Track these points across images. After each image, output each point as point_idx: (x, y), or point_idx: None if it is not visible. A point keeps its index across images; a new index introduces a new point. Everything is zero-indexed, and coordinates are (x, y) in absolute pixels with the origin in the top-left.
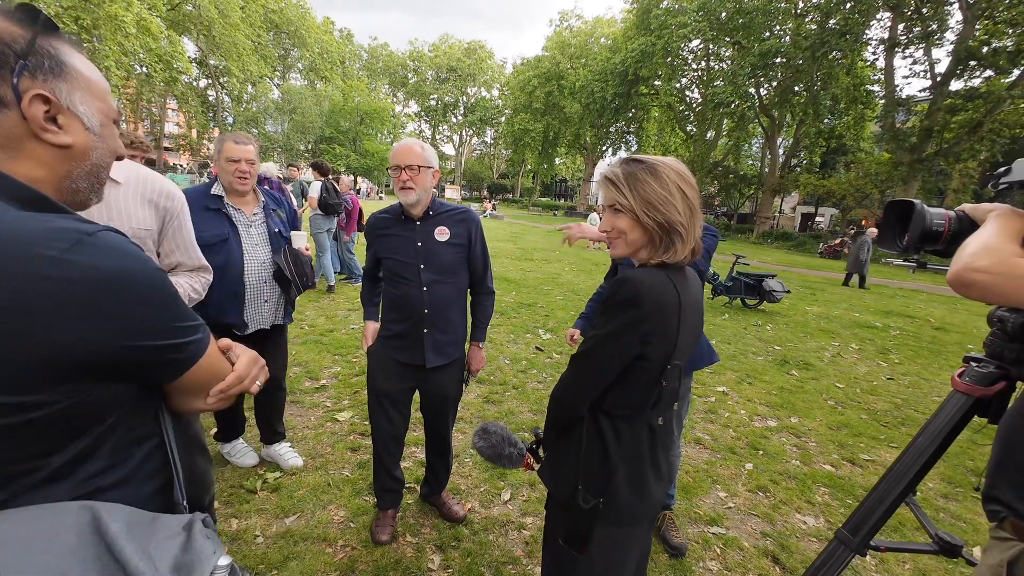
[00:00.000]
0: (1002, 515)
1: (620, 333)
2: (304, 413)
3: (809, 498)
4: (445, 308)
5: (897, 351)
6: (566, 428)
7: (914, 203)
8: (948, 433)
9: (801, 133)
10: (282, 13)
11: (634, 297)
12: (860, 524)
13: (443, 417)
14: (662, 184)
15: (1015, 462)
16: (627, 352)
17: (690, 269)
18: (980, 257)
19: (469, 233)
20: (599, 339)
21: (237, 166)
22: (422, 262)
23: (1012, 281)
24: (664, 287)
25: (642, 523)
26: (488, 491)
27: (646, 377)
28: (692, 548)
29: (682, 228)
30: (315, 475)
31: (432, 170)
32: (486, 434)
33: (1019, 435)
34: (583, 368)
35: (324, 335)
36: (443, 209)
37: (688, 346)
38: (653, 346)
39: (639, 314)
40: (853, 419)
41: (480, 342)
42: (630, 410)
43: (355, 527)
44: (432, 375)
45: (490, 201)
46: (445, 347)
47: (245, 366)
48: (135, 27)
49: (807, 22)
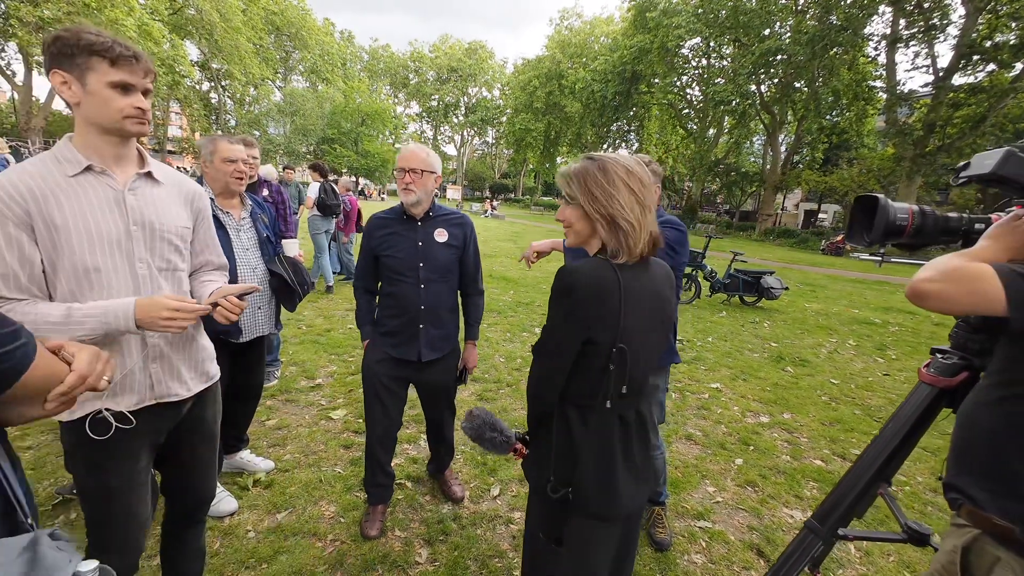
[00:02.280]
0: (959, 502)
1: (564, 321)
2: (299, 411)
3: (798, 493)
4: (439, 305)
5: (895, 347)
6: (541, 421)
7: (878, 198)
8: (914, 423)
9: (803, 129)
10: (283, 15)
11: (569, 287)
12: (828, 513)
13: (438, 407)
14: (608, 179)
15: (971, 451)
16: (574, 338)
17: (658, 261)
18: (926, 269)
19: (464, 236)
20: (548, 329)
21: (235, 166)
22: (421, 260)
23: (957, 285)
24: (600, 274)
25: (613, 518)
26: (479, 486)
27: (597, 363)
28: (678, 542)
29: (625, 221)
30: (307, 472)
31: (435, 175)
32: (471, 417)
33: (975, 425)
34: (541, 359)
35: (322, 335)
36: (442, 212)
37: (641, 333)
38: (596, 330)
39: (575, 301)
40: (846, 415)
41: (474, 340)
42: (591, 398)
43: (345, 522)
44: (426, 368)
45: (491, 201)
46: (438, 342)
47: (86, 364)
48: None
49: (807, 18)
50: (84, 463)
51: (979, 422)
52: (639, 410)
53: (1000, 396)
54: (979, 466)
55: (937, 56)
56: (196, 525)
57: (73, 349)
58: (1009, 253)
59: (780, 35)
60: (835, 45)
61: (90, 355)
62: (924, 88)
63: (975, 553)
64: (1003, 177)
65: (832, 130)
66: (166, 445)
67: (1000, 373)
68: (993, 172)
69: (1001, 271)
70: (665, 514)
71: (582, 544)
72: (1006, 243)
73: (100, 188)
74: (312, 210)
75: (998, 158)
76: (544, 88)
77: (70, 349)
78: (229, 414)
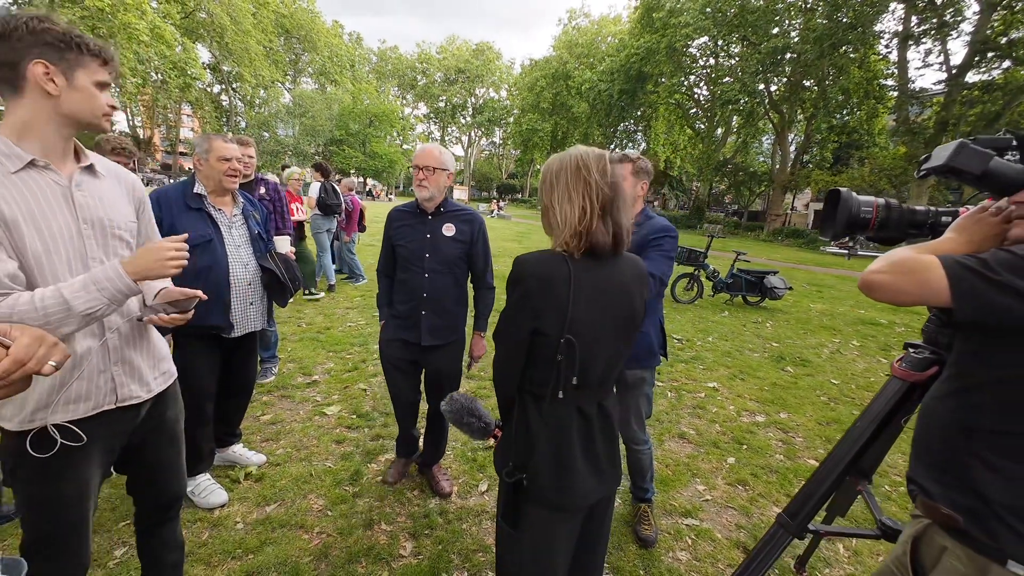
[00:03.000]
0: (915, 493)
1: (514, 309)
2: (294, 407)
3: (789, 492)
4: (442, 295)
5: (899, 348)
6: (507, 409)
7: (840, 191)
8: (885, 417)
9: (812, 129)
10: (293, 18)
11: (517, 275)
12: (799, 508)
13: (439, 392)
14: (554, 174)
15: (926, 444)
16: (523, 326)
17: (631, 257)
18: (878, 261)
19: (472, 232)
20: (501, 317)
21: (229, 164)
22: (428, 251)
23: (905, 276)
24: (550, 265)
25: (569, 508)
26: (467, 482)
27: (547, 352)
28: (663, 539)
29: (553, 217)
30: (298, 466)
31: (447, 172)
32: (452, 401)
33: (929, 418)
34: (498, 348)
35: (321, 332)
36: (453, 208)
37: (595, 326)
38: (544, 321)
39: (524, 290)
40: (844, 414)
41: (482, 331)
42: (543, 387)
43: (332, 515)
44: (428, 353)
45: (498, 201)
46: (440, 330)
47: (24, 348)
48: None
49: (816, 16)
50: (34, 472)
51: (932, 415)
52: (602, 404)
53: (950, 389)
54: (931, 458)
55: (950, 53)
56: (169, 522)
57: (16, 333)
58: (972, 246)
59: (788, 33)
60: (845, 43)
61: (30, 339)
62: (936, 86)
63: (925, 543)
64: (955, 168)
65: (842, 129)
66: (129, 448)
67: (951, 366)
68: (945, 164)
69: (945, 262)
70: (651, 511)
71: (539, 532)
72: (970, 235)
73: (45, 184)
74: (313, 209)
75: (951, 150)
76: (551, 88)
77: (13, 333)
78: (222, 409)
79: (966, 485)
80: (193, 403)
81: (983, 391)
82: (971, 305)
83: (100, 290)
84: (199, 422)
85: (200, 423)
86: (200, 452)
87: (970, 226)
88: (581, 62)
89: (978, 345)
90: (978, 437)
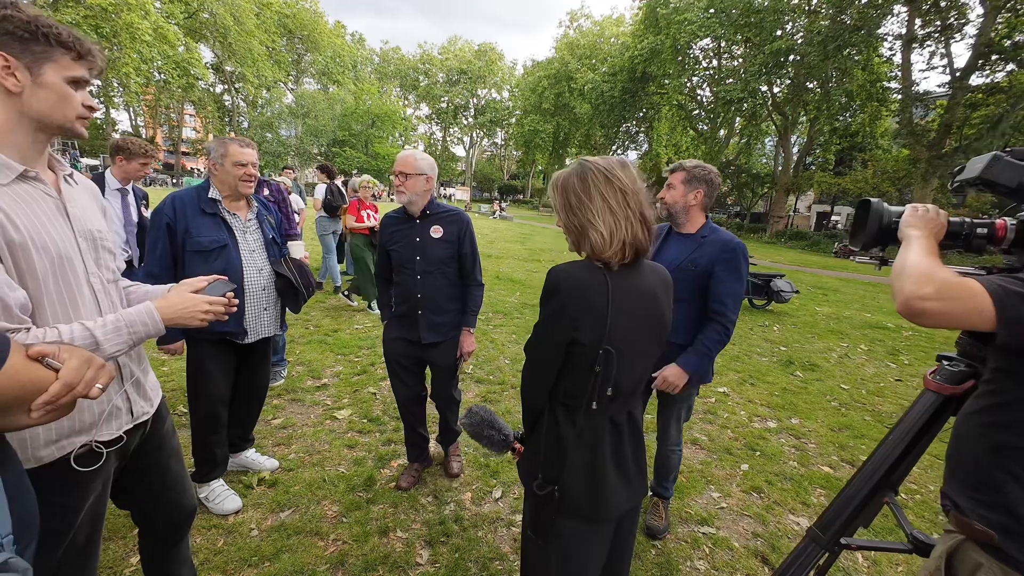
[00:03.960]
0: (948, 508)
1: (551, 320)
2: (304, 411)
3: (804, 499)
4: (436, 294)
5: (908, 352)
6: (534, 419)
7: (871, 201)
8: (919, 431)
9: (815, 131)
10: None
11: (554, 286)
12: (831, 522)
13: (444, 382)
14: (584, 188)
15: (959, 460)
16: (560, 338)
17: (653, 264)
18: (922, 284)
19: (459, 232)
20: (536, 329)
21: (245, 169)
22: (418, 255)
23: (955, 303)
24: (586, 275)
25: (600, 520)
26: (480, 488)
27: (584, 363)
28: (680, 547)
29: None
30: (311, 471)
31: (423, 176)
32: (471, 414)
33: (963, 434)
34: (531, 359)
35: (329, 335)
36: (439, 210)
37: (630, 336)
38: (582, 331)
39: (560, 301)
40: (856, 420)
41: (470, 327)
42: (577, 398)
43: (348, 522)
44: (430, 349)
45: (499, 202)
46: (439, 327)
47: (74, 372)
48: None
49: (820, 18)
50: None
51: (966, 431)
52: (631, 412)
53: (984, 405)
54: (964, 473)
55: (954, 56)
56: (183, 540)
57: (66, 355)
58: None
59: (792, 35)
60: (848, 46)
61: (79, 361)
62: (940, 88)
63: (959, 559)
64: (989, 181)
65: (845, 131)
66: (129, 473)
67: (986, 383)
68: (979, 176)
69: (989, 286)
70: (666, 508)
71: (569, 544)
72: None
73: (40, 197)
74: (319, 211)
75: (985, 163)
76: (553, 89)
77: (62, 356)
78: (235, 414)
79: (999, 502)
80: (208, 409)
81: (1017, 408)
82: (1019, 330)
83: (132, 333)
84: (213, 428)
85: (215, 429)
86: (214, 458)
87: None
88: (583, 63)
89: (1013, 362)
90: (1011, 454)
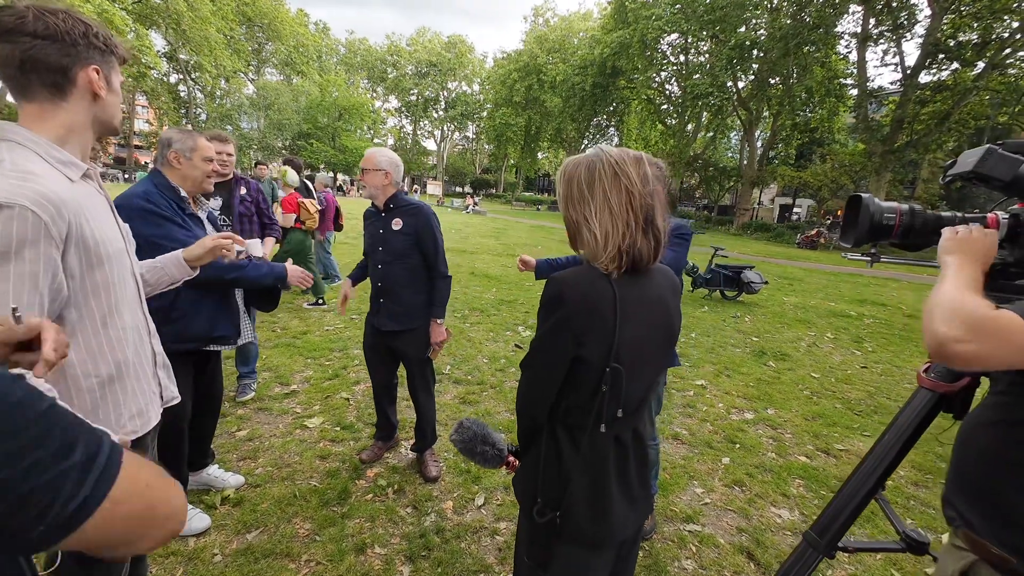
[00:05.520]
0: (956, 523)
1: (552, 334)
2: (272, 421)
3: (784, 491)
4: (396, 284)
5: (870, 339)
6: (532, 438)
7: (862, 197)
8: (914, 430)
9: (778, 126)
10: (254, 5)
11: (556, 296)
12: (828, 525)
13: (412, 375)
14: (589, 181)
15: (967, 471)
16: (563, 353)
17: (660, 267)
18: (953, 325)
19: (417, 225)
20: (536, 342)
21: (212, 165)
22: (380, 245)
23: (997, 343)
24: (591, 285)
25: (605, 545)
26: (462, 495)
27: (589, 382)
28: (667, 547)
29: (589, 233)
30: (280, 486)
31: (382, 172)
32: (461, 429)
33: (973, 445)
34: (529, 374)
35: (297, 338)
36: (402, 204)
37: (639, 349)
38: (588, 347)
39: (565, 313)
40: (828, 409)
41: (437, 318)
42: (582, 419)
43: (321, 540)
44: (392, 338)
45: (472, 196)
46: (399, 316)
47: None
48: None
49: (782, 15)
50: None
51: (974, 443)
52: (636, 428)
53: (995, 418)
54: (975, 488)
55: (905, 55)
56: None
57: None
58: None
59: (755, 30)
60: (808, 43)
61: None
62: (893, 86)
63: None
64: (983, 175)
65: (805, 126)
66: None
67: (1000, 395)
68: (972, 170)
69: None
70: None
71: (569, 571)
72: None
73: (95, 195)
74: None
75: (978, 156)
76: (523, 82)
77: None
78: (194, 429)
79: (1013, 522)
80: (176, 427)
81: None
82: None
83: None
84: (179, 446)
85: (180, 447)
86: (182, 478)
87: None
88: (552, 56)
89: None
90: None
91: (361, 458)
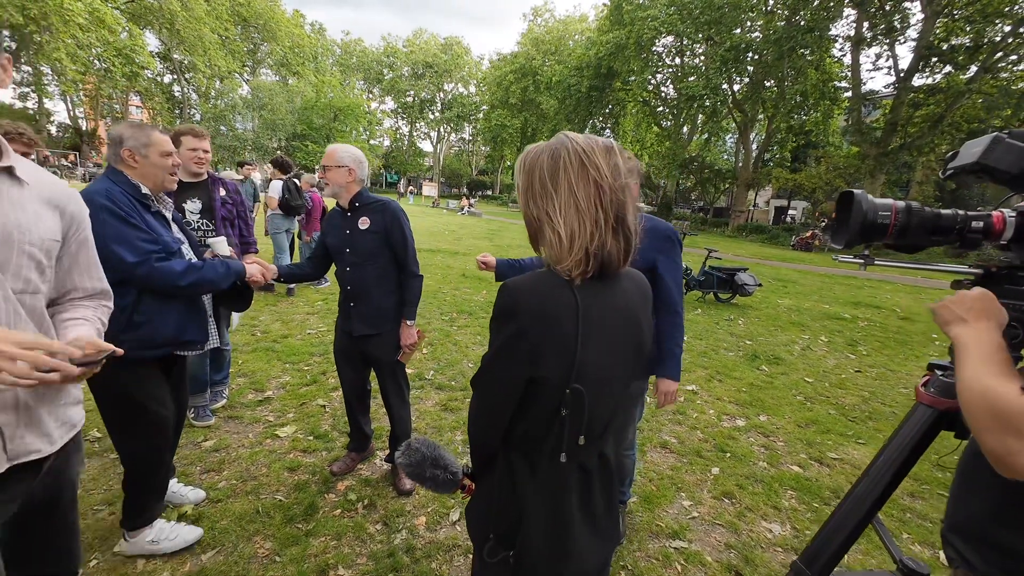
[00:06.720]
0: (956, 564)
1: (504, 350)
2: (242, 430)
3: (776, 503)
4: (366, 286)
5: (865, 342)
6: (486, 465)
7: (854, 193)
8: (912, 450)
9: (772, 128)
10: (250, 6)
11: (510, 307)
12: (816, 555)
13: (383, 381)
14: (552, 172)
15: (968, 507)
16: (516, 373)
17: (633, 273)
18: (997, 431)
19: (385, 221)
20: (486, 359)
21: (172, 159)
22: (347, 247)
23: None
24: (550, 293)
25: None
26: (436, 510)
27: (545, 404)
28: (651, 566)
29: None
30: (243, 501)
31: (345, 168)
32: (409, 451)
33: (975, 479)
34: (479, 394)
35: (277, 341)
36: (367, 201)
37: (604, 366)
38: (545, 366)
39: (517, 327)
40: (821, 415)
41: (408, 319)
42: (539, 444)
43: (281, 561)
44: (365, 342)
45: (468, 198)
46: (370, 319)
47: None
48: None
49: (776, 19)
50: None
51: (977, 476)
52: (603, 452)
53: None
54: (976, 528)
55: (898, 58)
56: None
57: None
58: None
59: (751, 33)
60: (802, 46)
61: None
62: (886, 89)
63: None
64: (988, 167)
65: (800, 129)
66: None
67: None
68: (977, 162)
69: None
70: (623, 513)
71: None
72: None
73: None
74: (273, 209)
75: (984, 146)
76: (519, 84)
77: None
78: None
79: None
80: (163, 439)
81: None
82: None
83: None
84: (161, 462)
85: (163, 463)
86: (161, 495)
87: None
88: (548, 58)
89: None
90: None
91: (332, 470)
